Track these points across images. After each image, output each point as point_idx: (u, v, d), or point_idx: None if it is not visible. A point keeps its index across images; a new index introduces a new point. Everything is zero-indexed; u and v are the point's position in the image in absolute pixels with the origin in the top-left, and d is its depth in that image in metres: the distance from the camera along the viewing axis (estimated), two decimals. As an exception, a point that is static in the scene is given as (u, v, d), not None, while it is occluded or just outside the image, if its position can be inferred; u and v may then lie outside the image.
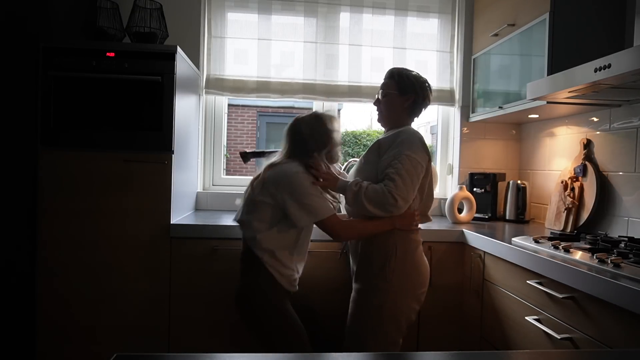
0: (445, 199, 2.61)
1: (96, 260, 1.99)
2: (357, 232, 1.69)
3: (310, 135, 1.72)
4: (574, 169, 2.18)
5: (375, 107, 1.84)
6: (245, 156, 2.22)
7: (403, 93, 1.75)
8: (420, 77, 1.79)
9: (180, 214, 2.23)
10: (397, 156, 1.61)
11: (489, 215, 2.56)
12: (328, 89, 2.68)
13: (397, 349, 1.67)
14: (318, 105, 2.79)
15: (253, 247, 1.69)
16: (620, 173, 1.97)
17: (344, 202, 1.76)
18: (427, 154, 1.67)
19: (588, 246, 1.59)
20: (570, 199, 2.13)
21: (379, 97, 1.81)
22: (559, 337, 1.42)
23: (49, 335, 1.99)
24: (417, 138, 1.67)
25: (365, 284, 1.69)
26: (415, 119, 1.83)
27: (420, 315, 2.12)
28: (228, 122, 2.80)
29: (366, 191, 1.59)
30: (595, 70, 1.48)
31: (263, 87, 2.63)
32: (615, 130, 2.00)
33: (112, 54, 1.98)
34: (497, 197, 2.59)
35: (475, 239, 2.02)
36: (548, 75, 1.92)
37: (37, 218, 1.98)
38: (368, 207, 1.59)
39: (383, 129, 1.86)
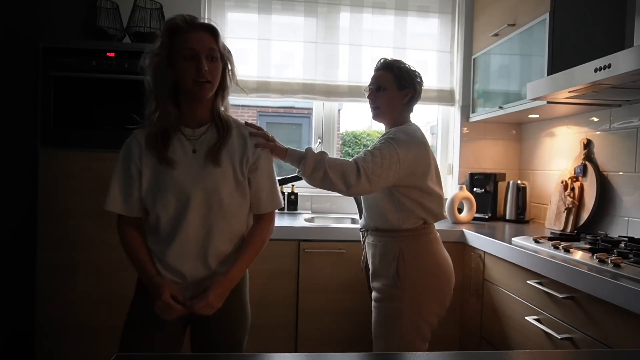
0: (446, 199, 2.61)
1: (96, 260, 1.99)
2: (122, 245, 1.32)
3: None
4: (574, 169, 2.18)
5: (369, 102, 1.71)
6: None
7: (401, 88, 1.65)
8: (415, 70, 1.69)
9: (180, 214, 2.23)
10: (379, 140, 1.56)
11: (489, 215, 2.56)
12: (328, 89, 2.67)
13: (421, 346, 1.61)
14: (318, 105, 2.80)
15: None
16: (620, 173, 1.97)
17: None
18: (408, 151, 1.53)
19: (588, 246, 1.59)
20: (570, 199, 2.13)
21: (373, 88, 1.69)
22: (559, 337, 1.42)
23: (49, 335, 1.98)
24: (407, 133, 1.58)
25: (381, 294, 1.60)
26: (409, 109, 1.71)
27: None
28: (228, 122, 2.79)
29: (331, 160, 1.47)
30: (595, 70, 1.48)
31: (263, 87, 2.62)
32: (615, 130, 2.00)
33: (112, 54, 1.98)
34: (497, 197, 2.59)
35: (475, 239, 2.02)
36: (548, 75, 1.92)
37: (37, 218, 1.97)
38: (330, 174, 1.44)
39: (383, 129, 1.75)
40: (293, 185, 2.56)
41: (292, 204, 2.63)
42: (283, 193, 2.62)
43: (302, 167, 1.48)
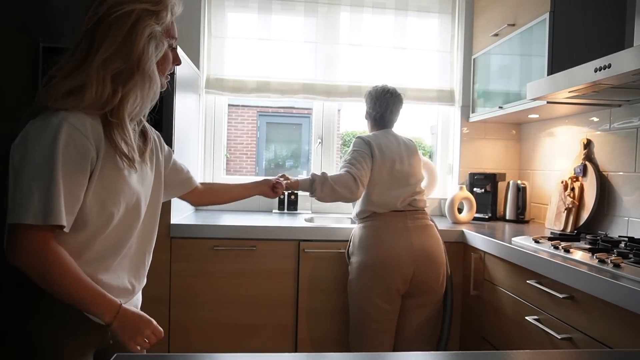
0: (445, 199, 2.61)
1: None
2: (43, 272, 0.97)
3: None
4: (574, 169, 2.18)
5: None
6: None
7: None
8: (369, 91, 2.05)
9: (180, 214, 2.23)
10: (348, 153, 1.95)
11: (489, 215, 2.56)
12: (328, 89, 2.67)
13: (370, 320, 1.81)
14: (318, 105, 2.80)
15: None
16: (620, 173, 1.97)
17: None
18: (367, 145, 1.90)
19: (588, 246, 1.59)
20: (571, 199, 2.13)
21: None
22: (559, 337, 1.42)
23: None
24: (356, 137, 1.98)
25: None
26: (375, 124, 2.06)
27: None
28: (228, 122, 2.80)
29: (332, 177, 1.83)
30: (595, 70, 1.48)
31: (263, 87, 2.63)
32: (615, 130, 2.00)
33: (112, 54, 1.98)
34: (497, 197, 2.59)
35: (475, 239, 2.02)
36: (548, 75, 1.92)
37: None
38: (337, 188, 1.81)
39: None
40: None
41: (292, 204, 2.63)
42: (283, 193, 2.62)
43: (314, 189, 1.83)
